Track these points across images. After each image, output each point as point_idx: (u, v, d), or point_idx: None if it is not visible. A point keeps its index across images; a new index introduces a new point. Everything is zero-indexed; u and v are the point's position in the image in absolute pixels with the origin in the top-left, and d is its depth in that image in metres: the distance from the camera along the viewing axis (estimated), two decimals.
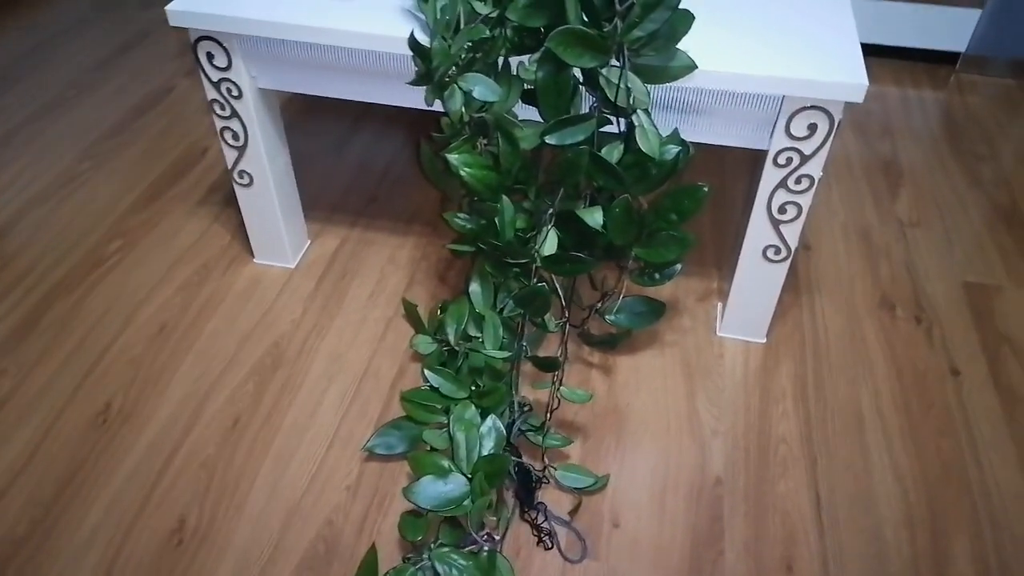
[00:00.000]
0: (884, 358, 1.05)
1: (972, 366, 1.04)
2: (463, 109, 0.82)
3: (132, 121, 1.48)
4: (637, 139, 0.81)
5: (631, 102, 0.81)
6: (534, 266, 0.89)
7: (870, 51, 1.66)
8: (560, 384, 0.91)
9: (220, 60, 0.95)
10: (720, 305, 1.11)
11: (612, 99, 0.82)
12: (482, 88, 0.80)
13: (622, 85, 0.80)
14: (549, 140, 0.82)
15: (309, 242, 1.21)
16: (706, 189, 0.85)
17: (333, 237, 1.23)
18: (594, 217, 0.84)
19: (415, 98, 0.94)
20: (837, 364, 1.04)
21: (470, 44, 0.79)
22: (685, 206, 0.86)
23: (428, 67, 0.81)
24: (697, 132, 0.91)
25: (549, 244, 0.89)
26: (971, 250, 1.22)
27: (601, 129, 0.83)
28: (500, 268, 0.95)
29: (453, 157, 0.84)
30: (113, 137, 1.44)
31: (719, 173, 1.35)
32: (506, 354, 0.91)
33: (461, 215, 0.93)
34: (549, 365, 0.89)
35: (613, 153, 0.84)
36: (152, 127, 1.46)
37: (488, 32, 0.78)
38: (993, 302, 1.13)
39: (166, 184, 1.33)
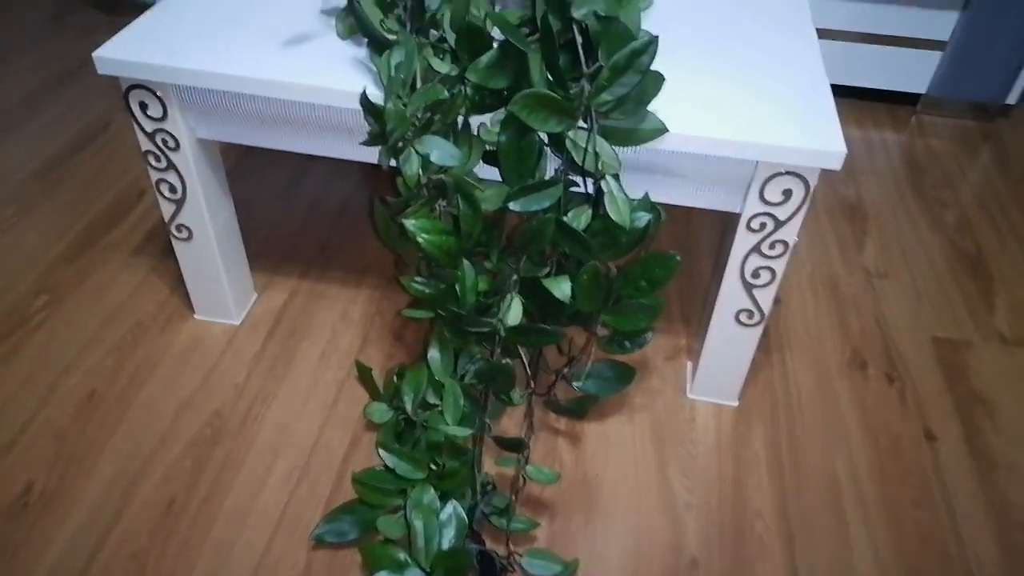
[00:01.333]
0: (858, 421, 1.02)
1: (947, 429, 1.01)
2: (420, 172, 0.76)
3: (63, 160, 1.38)
4: (606, 206, 0.76)
5: (599, 167, 0.76)
6: (498, 337, 0.84)
7: (832, 91, 1.65)
8: (526, 461, 0.85)
9: (154, 110, 0.88)
10: (690, 364, 1.07)
11: (579, 163, 0.77)
12: (440, 152, 0.74)
13: (590, 149, 0.75)
14: (513, 207, 0.77)
15: (255, 296, 1.13)
16: (678, 258, 0.80)
17: (281, 290, 1.15)
18: (561, 288, 0.79)
19: (369, 154, 0.88)
20: (811, 427, 1.01)
21: (427, 105, 0.73)
22: (656, 274, 0.82)
23: (382, 128, 0.75)
24: (667, 194, 0.86)
25: (514, 313, 0.83)
26: (939, 302, 1.20)
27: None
28: (460, 334, 0.89)
29: (410, 223, 0.78)
30: (42, 178, 1.34)
31: (684, 221, 1.31)
32: (468, 432, 0.85)
33: (418, 279, 0.87)
34: (515, 445, 0.83)
35: (580, 218, 0.79)
36: (85, 167, 1.37)
37: (447, 93, 0.72)
38: (964, 358, 1.11)
39: (99, 230, 1.24)
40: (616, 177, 0.76)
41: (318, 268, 1.19)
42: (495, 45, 0.74)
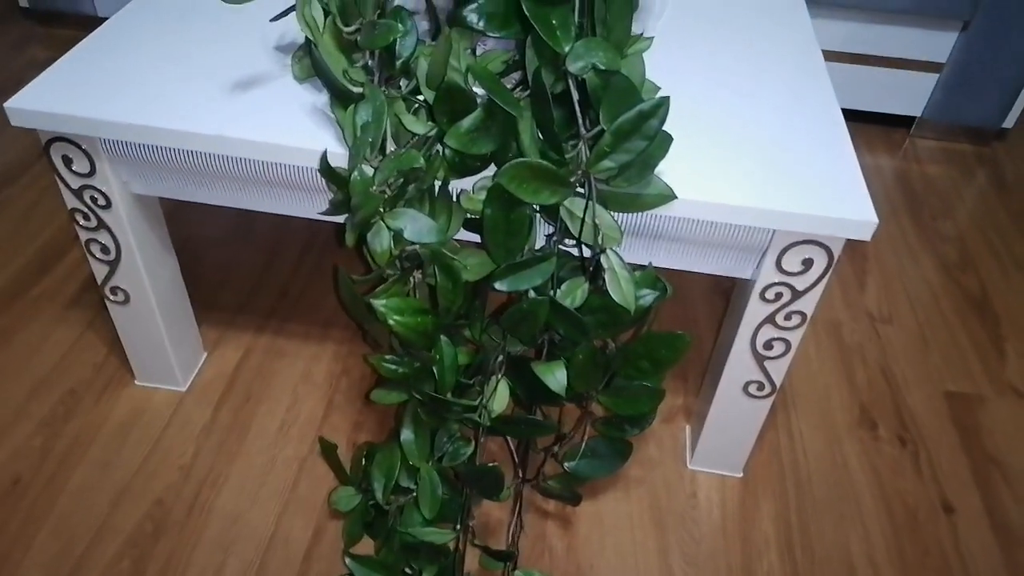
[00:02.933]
0: (871, 491, 0.94)
1: (965, 499, 0.94)
2: (391, 247, 0.65)
3: None
4: (607, 283, 0.67)
5: (599, 240, 0.66)
6: (481, 426, 0.74)
7: None
8: (514, 567, 0.75)
9: (80, 165, 0.76)
10: (689, 428, 0.98)
11: (576, 234, 0.67)
12: (415, 226, 0.63)
13: (588, 220, 0.65)
14: (499, 287, 0.66)
15: (205, 355, 1.02)
16: (688, 339, 0.71)
17: (235, 347, 1.03)
18: (555, 376, 0.69)
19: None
20: (822, 500, 0.92)
21: (400, 173, 0.63)
22: (661, 355, 0.72)
23: (346, 196, 0.64)
24: (671, 259, 0.76)
25: (499, 399, 0.73)
26: (947, 350, 1.12)
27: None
28: (438, 415, 0.78)
29: (380, 303, 0.68)
30: None
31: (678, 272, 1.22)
32: (448, 535, 0.75)
33: (389, 357, 0.76)
34: (502, 556, 0.73)
35: (576, 294, 0.69)
36: (13, 205, 1.23)
37: (422, 160, 0.61)
38: (978, 416, 1.04)
39: (29, 279, 1.10)
40: (617, 251, 0.67)
41: (277, 320, 1.07)
42: (479, 102, 0.63)
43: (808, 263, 0.72)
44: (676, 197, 0.66)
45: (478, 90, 0.65)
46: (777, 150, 0.73)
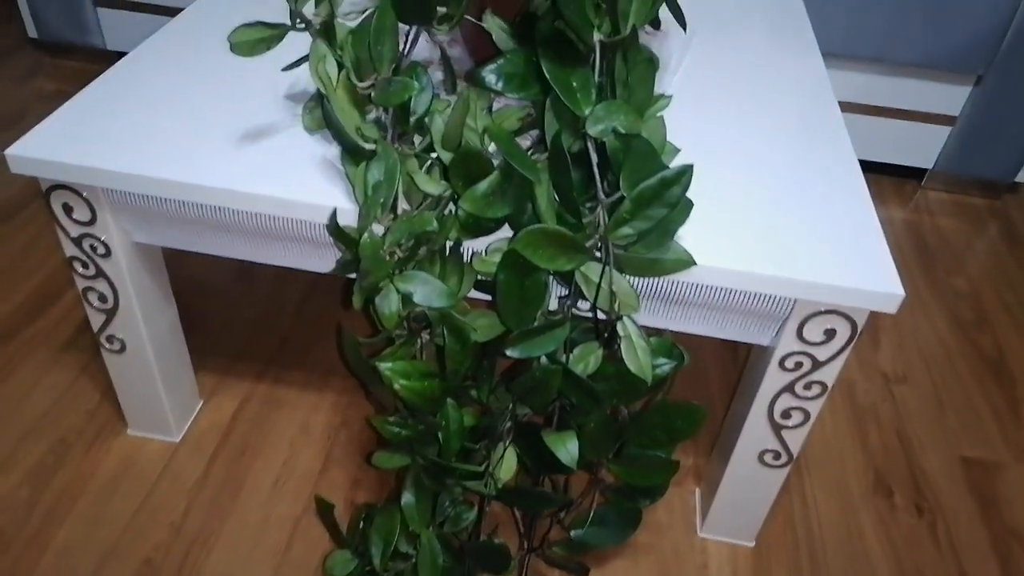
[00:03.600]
0: (888, 564, 0.90)
1: (984, 573, 0.90)
2: (400, 310, 0.63)
3: None
4: (622, 352, 0.64)
5: (615, 307, 0.63)
6: (487, 498, 0.70)
7: None
8: None
9: (81, 213, 0.74)
10: (699, 492, 0.94)
11: (591, 299, 0.65)
12: (425, 290, 0.61)
13: (604, 285, 0.63)
14: (511, 354, 0.64)
15: (201, 403, 0.98)
16: (704, 411, 0.68)
17: (232, 396, 1.00)
18: (567, 449, 0.66)
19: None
20: (837, 573, 0.89)
21: (411, 235, 0.60)
22: (677, 425, 0.69)
23: (355, 256, 0.62)
24: (687, 323, 0.74)
25: (506, 467, 0.71)
26: (963, 412, 1.10)
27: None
28: (441, 480, 0.75)
29: (385, 367, 0.65)
30: None
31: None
32: None
33: (392, 419, 0.73)
34: None
35: (589, 360, 0.67)
36: (10, 242, 1.20)
37: (435, 223, 0.59)
38: (996, 484, 1.00)
39: (23, 320, 1.08)
40: (634, 319, 0.64)
41: (276, 368, 1.04)
42: (495, 164, 0.61)
43: (830, 333, 0.69)
44: (695, 264, 0.64)
45: (493, 147, 0.63)
46: (798, 213, 0.71)
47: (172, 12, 1.53)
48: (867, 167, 1.60)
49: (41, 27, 1.60)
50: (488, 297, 0.70)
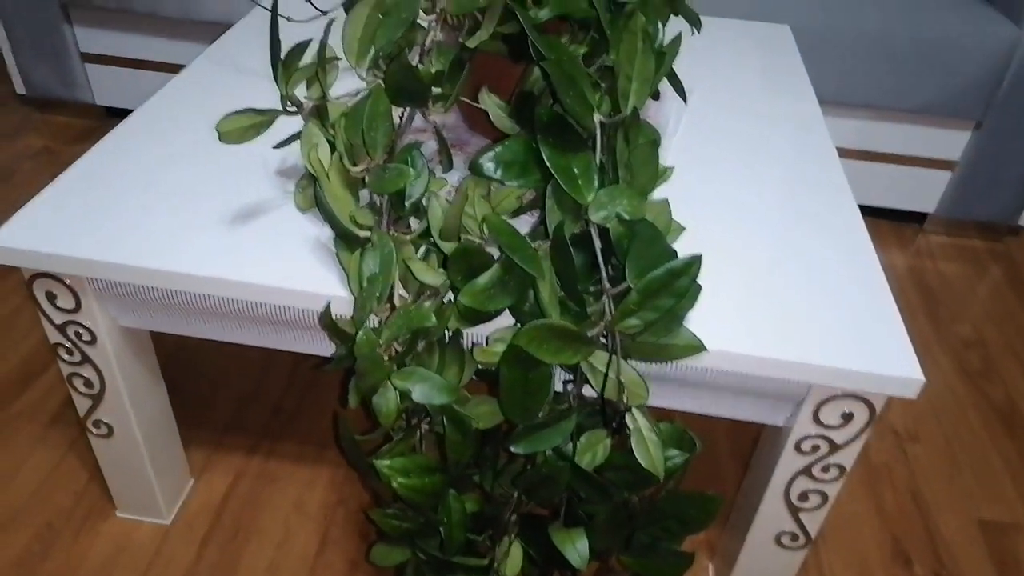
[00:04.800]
0: None
1: None
2: (398, 407, 0.60)
3: None
4: (632, 445, 0.61)
5: (624, 398, 0.61)
6: None
7: None
8: None
9: (65, 301, 0.71)
10: (712, 568, 0.91)
11: (598, 389, 0.62)
12: (425, 387, 0.58)
13: (611, 375, 0.60)
14: (516, 450, 0.61)
15: (192, 481, 0.95)
16: (720, 500, 0.65)
17: (224, 472, 0.97)
18: (576, 548, 0.63)
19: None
20: None
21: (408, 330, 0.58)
22: (690, 516, 0.66)
23: (349, 350, 0.59)
24: (698, 404, 0.71)
25: (512, 563, 0.67)
26: (979, 469, 1.07)
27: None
28: (442, 573, 0.72)
29: (384, 464, 0.62)
30: None
31: None
32: None
33: (391, 511, 0.70)
34: None
35: (598, 450, 0.64)
36: None
37: (433, 319, 0.56)
38: (1017, 548, 0.97)
39: (10, 394, 1.04)
40: (644, 409, 0.61)
41: (269, 440, 1.01)
42: (495, 257, 0.59)
43: (848, 417, 0.66)
44: (705, 349, 0.61)
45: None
46: (809, 289, 0.69)
47: (160, 67, 1.52)
48: (867, 212, 1.60)
49: (29, 84, 1.58)
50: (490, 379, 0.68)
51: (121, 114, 1.65)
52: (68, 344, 0.74)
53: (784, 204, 0.79)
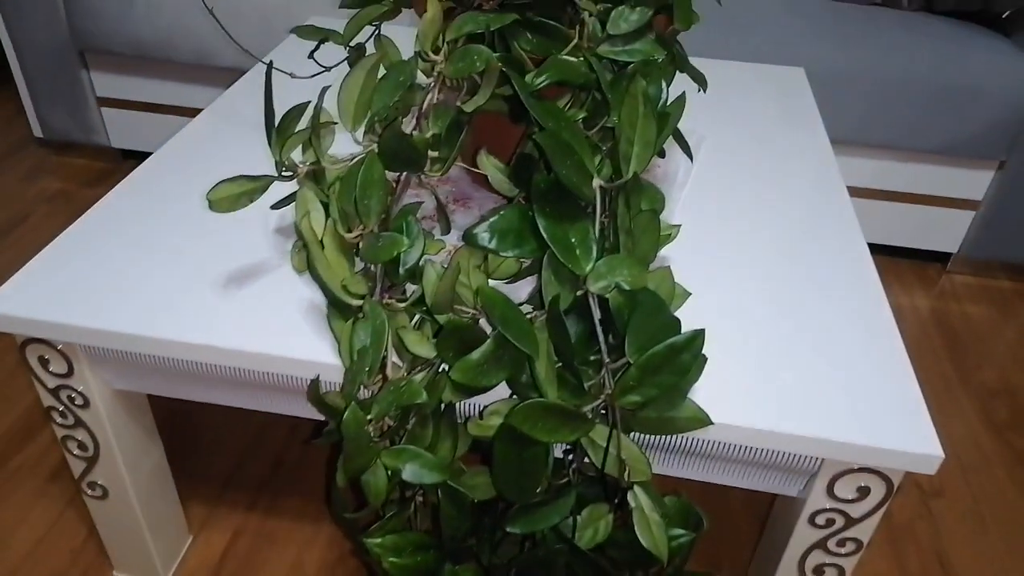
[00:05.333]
0: None
1: None
2: (388, 486, 0.58)
3: None
4: (634, 525, 0.58)
5: (626, 476, 0.58)
6: None
7: None
8: None
9: (57, 366, 0.70)
10: None
11: (599, 464, 0.59)
12: (416, 467, 0.56)
13: (612, 451, 0.58)
14: (511, 530, 0.58)
15: (191, 539, 0.93)
16: None
17: (222, 529, 0.95)
18: None
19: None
20: None
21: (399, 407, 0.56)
22: None
23: (338, 425, 0.57)
24: (705, 473, 0.68)
25: None
26: (1007, 528, 1.02)
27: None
28: None
29: (374, 543, 0.60)
30: None
31: None
32: None
33: None
34: None
35: (599, 527, 0.61)
36: None
37: (424, 396, 0.54)
38: None
39: (10, 448, 1.03)
40: (647, 486, 0.59)
41: (269, 496, 0.99)
42: (489, 331, 0.57)
43: (864, 491, 0.63)
44: (711, 423, 0.58)
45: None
46: (820, 354, 0.66)
47: (175, 111, 1.53)
48: (888, 251, 1.56)
49: (47, 127, 1.60)
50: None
51: (136, 156, 1.66)
52: (61, 407, 0.73)
53: (795, 262, 0.76)
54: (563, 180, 0.53)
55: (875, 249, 1.51)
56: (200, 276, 0.70)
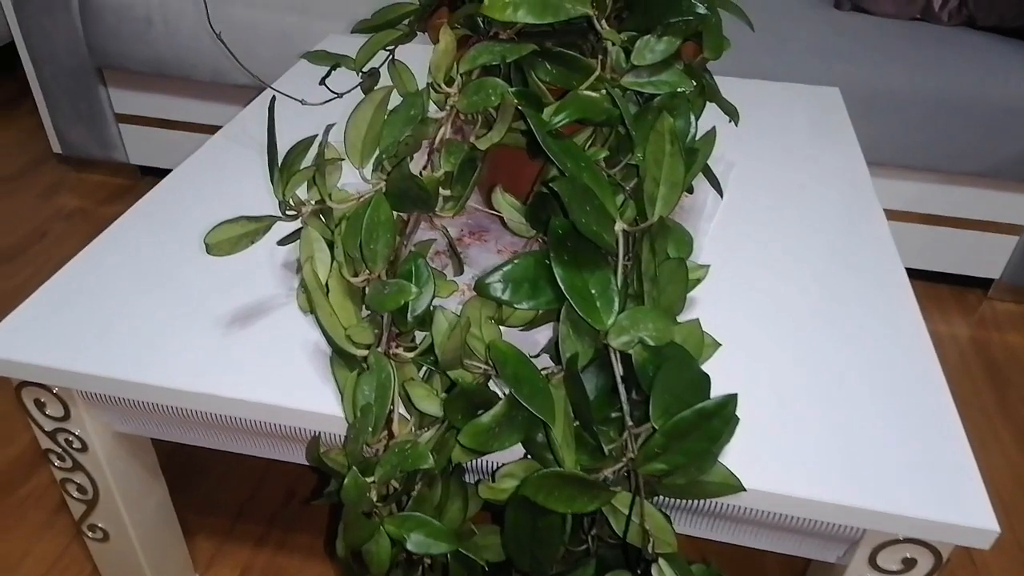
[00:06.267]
0: None
1: None
2: (391, 557, 0.54)
3: None
4: None
5: (650, 547, 0.54)
6: None
7: None
8: None
9: (54, 409, 0.67)
10: None
11: (620, 533, 0.55)
12: (422, 536, 0.52)
13: (635, 519, 0.53)
14: None
15: None
16: None
17: (231, 567, 0.92)
18: None
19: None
20: None
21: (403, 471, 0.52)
22: None
23: (339, 488, 0.54)
24: (737, 537, 0.63)
25: None
26: None
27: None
28: None
29: None
30: None
31: None
32: None
33: None
34: None
35: None
36: (3, 395, 1.15)
37: (431, 460, 0.50)
38: None
39: (18, 477, 1.01)
40: (672, 558, 0.54)
41: (279, 531, 0.96)
42: (501, 394, 0.53)
43: (910, 563, 0.58)
44: (743, 489, 0.54)
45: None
46: (861, 413, 0.61)
47: (192, 127, 1.51)
48: (928, 277, 1.49)
49: (66, 143, 1.59)
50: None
51: (154, 172, 1.65)
52: (59, 450, 0.70)
53: (831, 300, 0.71)
54: (581, 229, 0.49)
55: (913, 274, 1.44)
56: (203, 315, 0.67)
